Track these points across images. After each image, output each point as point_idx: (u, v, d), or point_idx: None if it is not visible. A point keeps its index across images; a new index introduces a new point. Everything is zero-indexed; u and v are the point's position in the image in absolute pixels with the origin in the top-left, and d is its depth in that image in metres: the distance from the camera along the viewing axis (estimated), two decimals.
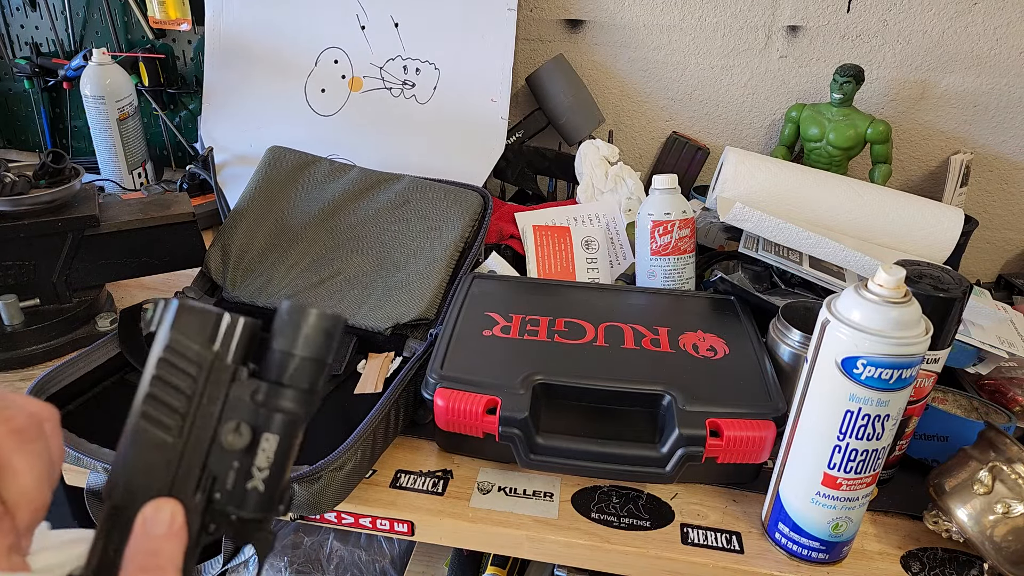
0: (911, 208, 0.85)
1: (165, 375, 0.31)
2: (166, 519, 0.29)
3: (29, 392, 0.62)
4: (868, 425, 0.51)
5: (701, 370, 0.66)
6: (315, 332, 0.31)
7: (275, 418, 0.31)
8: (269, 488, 0.31)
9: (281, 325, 0.32)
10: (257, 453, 0.31)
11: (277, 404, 0.31)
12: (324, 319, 0.32)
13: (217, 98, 1.09)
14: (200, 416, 0.31)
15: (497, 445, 0.61)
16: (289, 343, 0.31)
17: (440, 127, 1.06)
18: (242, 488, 0.31)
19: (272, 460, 0.31)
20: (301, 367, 0.31)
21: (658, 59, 1.09)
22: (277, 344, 0.31)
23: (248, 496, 0.31)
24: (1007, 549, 0.54)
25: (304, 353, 0.31)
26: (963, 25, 0.98)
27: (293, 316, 0.31)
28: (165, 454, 0.30)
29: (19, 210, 0.74)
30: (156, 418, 0.30)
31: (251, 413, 0.31)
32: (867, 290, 0.50)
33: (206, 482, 0.31)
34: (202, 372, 0.31)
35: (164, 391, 0.30)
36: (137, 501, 0.30)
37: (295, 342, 0.31)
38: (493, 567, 0.85)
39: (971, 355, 0.73)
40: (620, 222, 0.96)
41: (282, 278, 0.82)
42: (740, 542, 0.59)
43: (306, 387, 0.31)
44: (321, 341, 0.32)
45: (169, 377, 0.31)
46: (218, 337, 0.31)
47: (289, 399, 0.31)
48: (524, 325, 0.71)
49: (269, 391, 0.31)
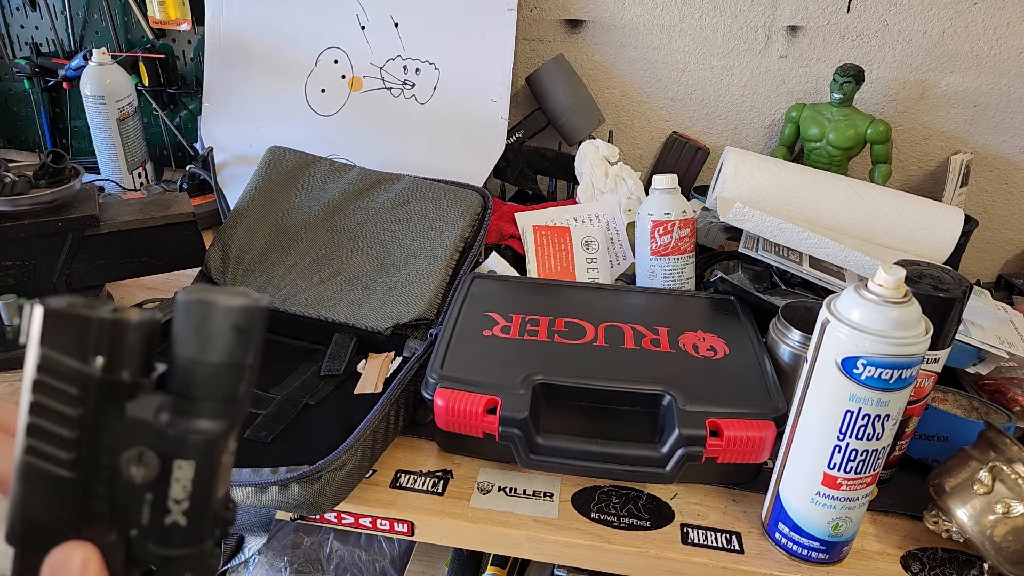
0: (911, 208, 0.85)
1: (43, 400, 0.24)
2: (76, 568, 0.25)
3: None
4: (868, 425, 0.51)
5: (701, 370, 0.66)
6: (223, 332, 0.25)
7: (187, 440, 0.25)
8: (193, 520, 0.25)
9: (180, 326, 0.25)
10: (171, 484, 0.25)
11: (188, 424, 0.25)
12: (232, 314, 0.25)
13: (217, 98, 1.09)
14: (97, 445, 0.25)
15: (497, 445, 0.61)
16: (192, 348, 0.25)
17: (440, 127, 1.06)
18: (160, 523, 0.25)
19: (191, 490, 0.25)
20: (213, 375, 0.25)
21: (658, 59, 1.09)
22: (179, 350, 0.25)
23: (169, 532, 0.25)
24: (1007, 549, 0.54)
25: (214, 358, 0.25)
26: (963, 25, 0.98)
27: (192, 314, 0.25)
28: (63, 490, 0.25)
29: (19, 210, 0.74)
30: (43, 451, 0.24)
31: (157, 437, 0.25)
32: (867, 290, 0.50)
33: (119, 517, 0.25)
34: (88, 392, 0.24)
35: (46, 419, 0.24)
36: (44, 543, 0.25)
37: (199, 346, 0.25)
38: (493, 567, 0.85)
39: (971, 355, 0.73)
40: (620, 222, 0.96)
41: (282, 278, 0.82)
42: (740, 542, 0.59)
43: (221, 398, 0.25)
44: (233, 341, 0.25)
45: (49, 403, 0.24)
46: (102, 347, 0.24)
47: (202, 415, 0.25)
48: (524, 325, 0.71)
49: (176, 408, 0.25)
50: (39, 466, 0.25)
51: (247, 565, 0.94)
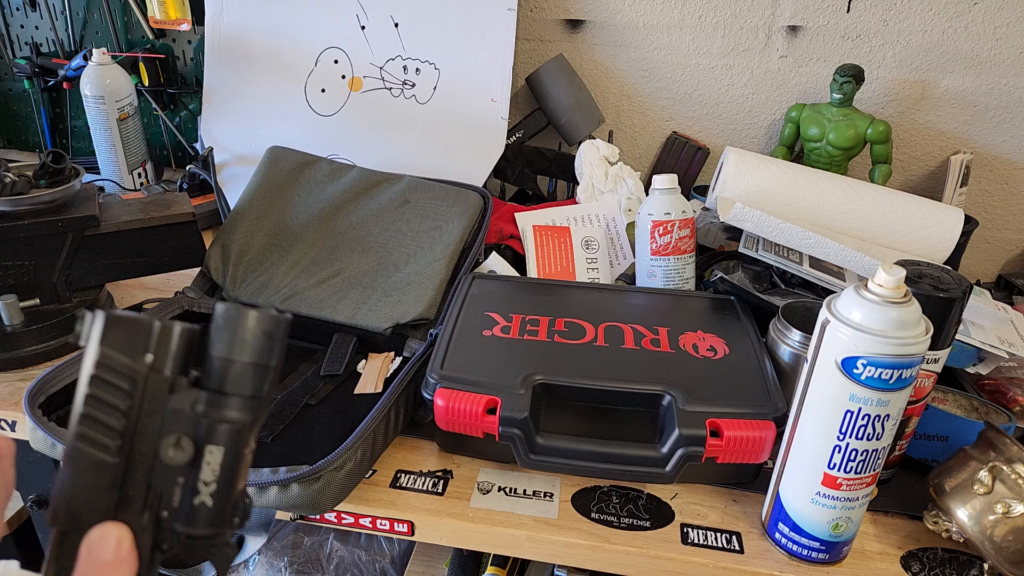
0: (911, 208, 0.85)
1: (98, 393, 0.29)
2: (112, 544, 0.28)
3: (28, 392, 0.62)
4: (868, 425, 0.51)
5: (701, 370, 0.66)
6: (254, 335, 0.30)
7: (218, 429, 0.29)
8: (218, 502, 0.30)
9: (217, 330, 0.30)
10: (202, 467, 0.29)
11: (219, 414, 0.29)
12: (263, 320, 0.30)
13: (217, 98, 1.09)
14: (140, 433, 0.29)
15: (497, 445, 0.61)
16: (227, 348, 0.30)
17: (440, 127, 1.06)
18: (189, 504, 0.29)
19: (219, 473, 0.29)
20: (243, 373, 0.30)
21: (658, 59, 1.09)
22: (214, 350, 0.30)
23: (196, 512, 0.29)
24: (1007, 549, 0.54)
25: (244, 358, 0.30)
26: (963, 25, 0.99)
27: (229, 319, 0.30)
28: (106, 475, 0.29)
29: (19, 210, 0.74)
30: (93, 438, 0.29)
31: (192, 425, 0.29)
32: (867, 290, 0.50)
33: (152, 501, 0.29)
34: (137, 386, 0.29)
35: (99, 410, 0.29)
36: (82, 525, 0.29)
37: (233, 347, 0.30)
38: (493, 567, 0.85)
39: (971, 355, 0.73)
40: (620, 222, 0.96)
41: (282, 278, 0.82)
42: (740, 542, 0.59)
43: (249, 393, 0.30)
44: (262, 344, 0.30)
45: (103, 395, 0.29)
46: (151, 347, 0.29)
47: (232, 408, 0.30)
48: (524, 325, 0.71)
49: (210, 400, 0.29)
50: (88, 452, 0.29)
51: (247, 565, 0.94)
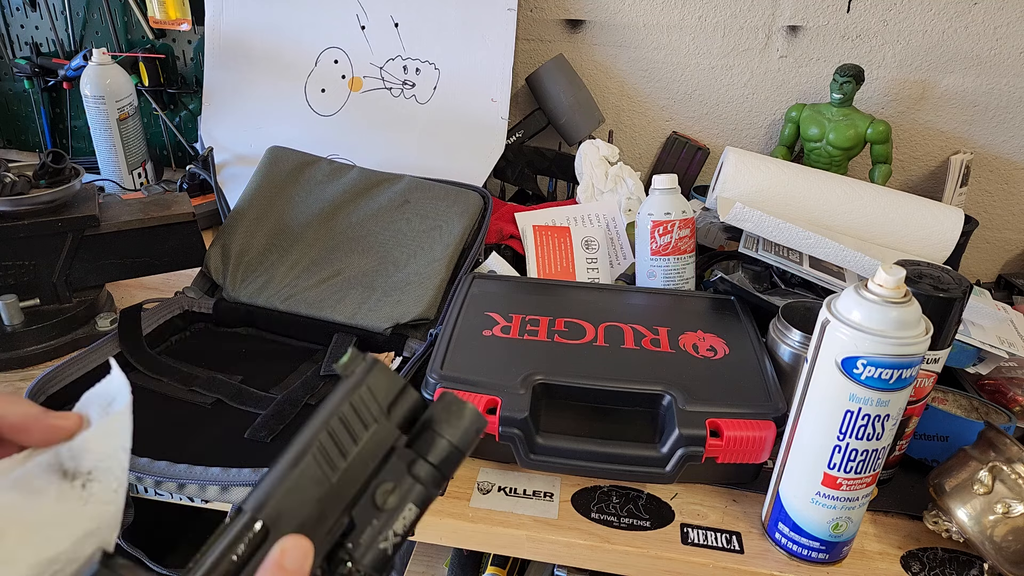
0: (911, 208, 0.85)
1: (346, 418, 0.32)
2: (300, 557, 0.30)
3: (28, 392, 0.62)
4: (868, 425, 0.51)
5: (701, 370, 0.66)
6: (470, 427, 0.34)
7: (418, 491, 0.33)
8: (393, 553, 0.32)
9: (446, 415, 0.34)
10: (398, 518, 0.32)
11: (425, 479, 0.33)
12: (479, 419, 0.34)
13: (217, 98, 1.09)
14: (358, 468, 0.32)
15: (497, 445, 0.61)
16: (453, 433, 0.34)
17: (440, 127, 1.06)
18: (373, 544, 0.32)
19: (406, 529, 0.33)
20: (454, 457, 0.34)
21: (658, 59, 1.09)
22: (441, 430, 0.34)
23: (375, 554, 0.32)
24: (1007, 549, 0.54)
25: (460, 445, 0.34)
26: (963, 25, 0.99)
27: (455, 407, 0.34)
28: (320, 489, 0.31)
29: (19, 210, 0.74)
30: (327, 453, 0.32)
31: (404, 480, 0.33)
32: (867, 290, 0.50)
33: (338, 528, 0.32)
34: (374, 428, 0.33)
35: (341, 433, 0.32)
36: (280, 525, 0.30)
37: (457, 434, 0.34)
38: (493, 567, 0.85)
39: (971, 355, 0.73)
40: (620, 222, 0.96)
41: (282, 278, 0.82)
42: (740, 542, 0.59)
43: (446, 473, 0.34)
44: (471, 437, 0.34)
45: (349, 422, 0.32)
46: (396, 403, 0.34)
47: (437, 482, 0.33)
48: (524, 325, 0.71)
49: (422, 466, 0.33)
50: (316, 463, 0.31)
51: None
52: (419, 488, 0.33)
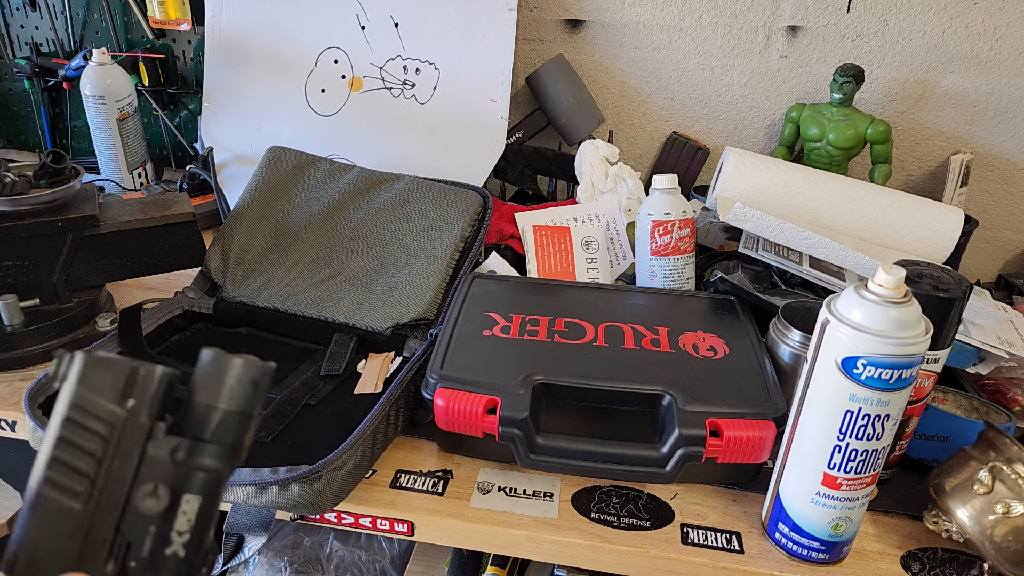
0: (911, 208, 0.85)
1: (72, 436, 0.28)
2: None
3: (28, 392, 0.62)
4: (868, 425, 0.51)
5: (701, 370, 0.66)
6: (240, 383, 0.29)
7: (197, 478, 0.29)
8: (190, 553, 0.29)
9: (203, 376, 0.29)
10: (177, 516, 0.29)
11: (199, 463, 0.29)
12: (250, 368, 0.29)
13: (217, 98, 1.09)
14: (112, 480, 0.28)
15: (497, 445, 0.61)
16: (212, 396, 0.29)
17: (440, 127, 1.06)
18: (160, 554, 0.28)
19: (193, 523, 0.29)
20: (225, 421, 0.29)
21: (658, 59, 1.09)
22: (199, 396, 0.29)
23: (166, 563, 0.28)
24: (1007, 549, 0.54)
25: (229, 406, 0.29)
26: (963, 25, 0.99)
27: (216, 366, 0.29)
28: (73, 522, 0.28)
29: (19, 210, 0.74)
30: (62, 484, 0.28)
31: (170, 473, 0.28)
32: (867, 290, 0.50)
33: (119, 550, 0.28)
34: (114, 432, 0.28)
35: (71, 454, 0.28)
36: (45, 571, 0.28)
37: (218, 394, 0.29)
38: (493, 567, 0.85)
39: (971, 355, 0.73)
40: (620, 222, 0.96)
41: (282, 278, 0.82)
42: (740, 542, 0.59)
43: (230, 443, 0.29)
44: (248, 392, 0.29)
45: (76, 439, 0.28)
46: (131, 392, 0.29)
47: (213, 456, 0.29)
48: (524, 325, 0.71)
49: (191, 449, 0.29)
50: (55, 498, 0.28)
51: (247, 565, 0.94)
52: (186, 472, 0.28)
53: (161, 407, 0.29)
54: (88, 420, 0.28)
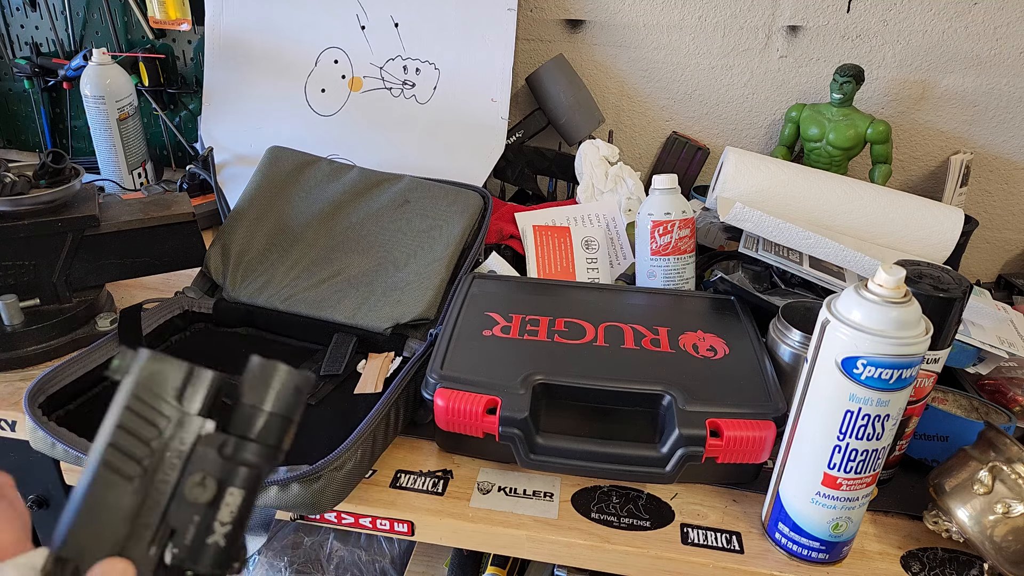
0: (911, 208, 0.85)
1: (130, 425, 0.30)
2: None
3: (28, 392, 0.62)
4: (868, 425, 0.51)
5: (701, 370, 0.66)
6: (285, 389, 0.31)
7: (241, 472, 0.31)
8: (229, 543, 0.30)
9: (251, 379, 0.31)
10: (220, 507, 0.30)
11: (244, 458, 0.31)
12: (294, 376, 0.32)
13: (217, 98, 1.09)
14: (163, 469, 0.30)
15: (497, 445, 0.61)
16: (259, 398, 0.31)
17: (440, 127, 1.06)
18: (201, 543, 0.30)
19: (235, 515, 0.31)
20: (270, 423, 0.31)
21: (658, 59, 1.09)
22: (247, 399, 0.31)
23: (207, 551, 0.30)
24: (1007, 549, 0.54)
25: (273, 409, 0.31)
26: (963, 25, 0.99)
27: (263, 371, 0.31)
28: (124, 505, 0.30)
29: (19, 210, 0.74)
30: (118, 467, 0.30)
31: (217, 466, 0.31)
32: (867, 290, 0.50)
33: (163, 536, 0.30)
34: (168, 424, 0.31)
35: (128, 441, 0.30)
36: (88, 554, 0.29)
37: (265, 398, 0.31)
38: (493, 567, 0.85)
39: (971, 355, 0.73)
40: (620, 222, 0.96)
41: (282, 278, 0.82)
42: (740, 542, 0.59)
43: (272, 443, 0.31)
44: (291, 398, 0.32)
45: (134, 427, 0.30)
46: (186, 390, 0.31)
47: (255, 454, 0.31)
48: (524, 325, 0.71)
49: (237, 445, 0.31)
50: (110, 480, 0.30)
51: (247, 565, 0.94)
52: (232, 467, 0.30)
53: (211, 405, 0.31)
54: (146, 410, 0.30)
